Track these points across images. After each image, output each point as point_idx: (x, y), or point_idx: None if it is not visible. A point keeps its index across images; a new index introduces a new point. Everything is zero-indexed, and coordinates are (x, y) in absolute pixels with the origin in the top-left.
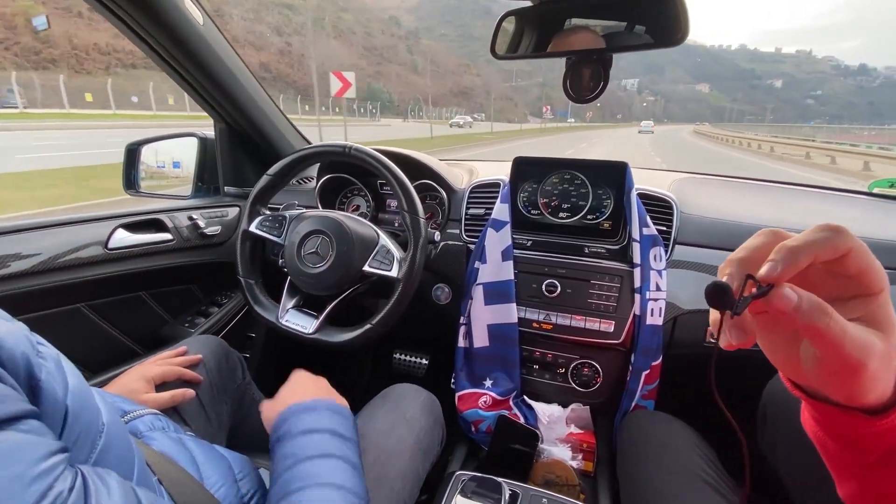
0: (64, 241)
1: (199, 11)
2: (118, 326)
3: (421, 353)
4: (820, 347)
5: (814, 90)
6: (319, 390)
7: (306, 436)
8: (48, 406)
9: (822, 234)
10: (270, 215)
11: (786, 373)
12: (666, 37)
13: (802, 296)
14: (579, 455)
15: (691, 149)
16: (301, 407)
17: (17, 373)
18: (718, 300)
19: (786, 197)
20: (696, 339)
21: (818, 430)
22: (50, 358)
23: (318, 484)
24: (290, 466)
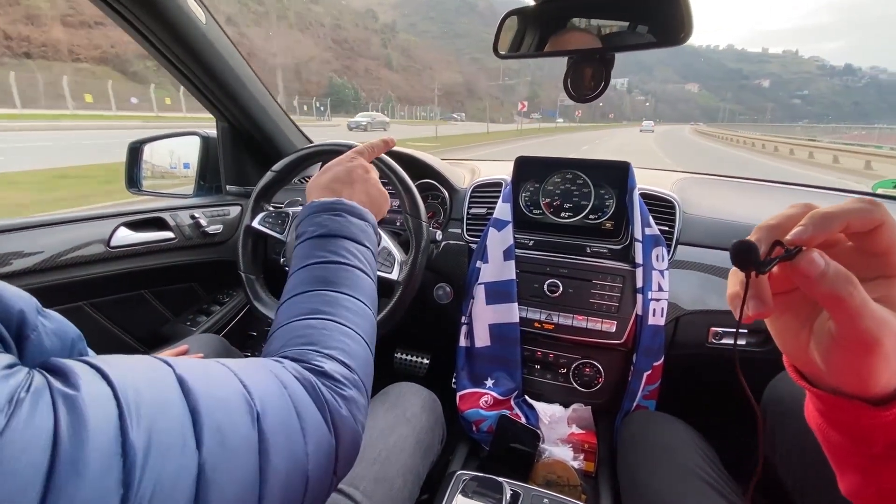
0: (66, 239)
1: (202, 11)
2: (120, 325)
3: (422, 353)
4: (838, 319)
5: (800, 90)
6: (353, 184)
7: (323, 239)
8: (28, 361)
9: (857, 204)
10: (273, 211)
11: (792, 358)
12: (669, 36)
13: (829, 263)
14: (581, 455)
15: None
16: (322, 206)
17: (8, 323)
18: (743, 258)
19: (789, 197)
20: (699, 340)
21: (822, 421)
22: (54, 319)
23: (325, 290)
24: (301, 267)
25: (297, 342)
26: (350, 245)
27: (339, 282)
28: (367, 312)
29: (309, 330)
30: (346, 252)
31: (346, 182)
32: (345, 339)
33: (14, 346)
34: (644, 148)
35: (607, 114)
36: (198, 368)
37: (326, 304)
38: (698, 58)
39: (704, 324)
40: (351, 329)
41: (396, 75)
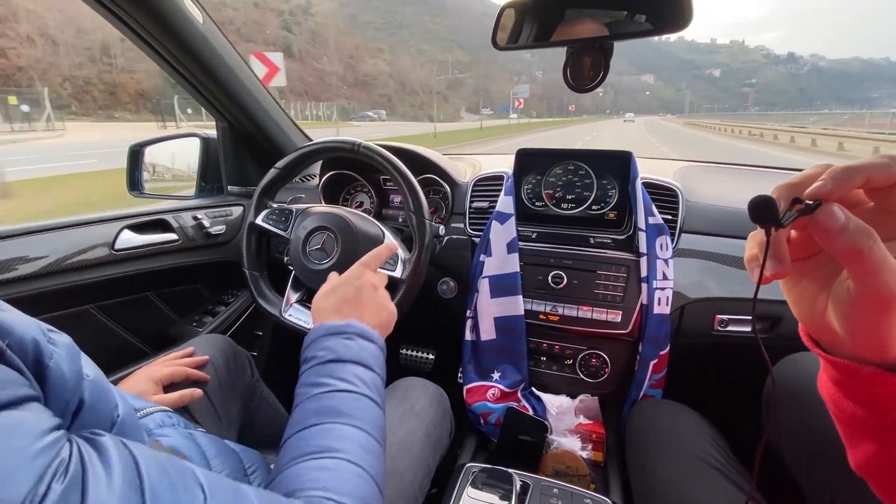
0: (70, 243)
1: (199, 11)
2: (126, 327)
3: (427, 348)
4: (858, 275)
5: (748, 79)
6: (361, 304)
7: (332, 365)
8: (54, 393)
9: (878, 159)
10: (277, 208)
11: (808, 326)
12: (668, 23)
13: (850, 216)
14: (589, 445)
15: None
16: (332, 329)
17: (25, 358)
18: (762, 213)
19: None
20: (704, 328)
21: (835, 391)
22: (62, 345)
23: (336, 422)
24: (311, 396)
25: (311, 486)
26: (361, 371)
27: (351, 413)
28: (379, 449)
29: (323, 473)
30: (356, 380)
31: (356, 303)
32: (358, 483)
33: (35, 381)
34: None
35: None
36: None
37: (338, 440)
38: (652, 49)
39: (710, 311)
40: (364, 470)
41: (296, 64)
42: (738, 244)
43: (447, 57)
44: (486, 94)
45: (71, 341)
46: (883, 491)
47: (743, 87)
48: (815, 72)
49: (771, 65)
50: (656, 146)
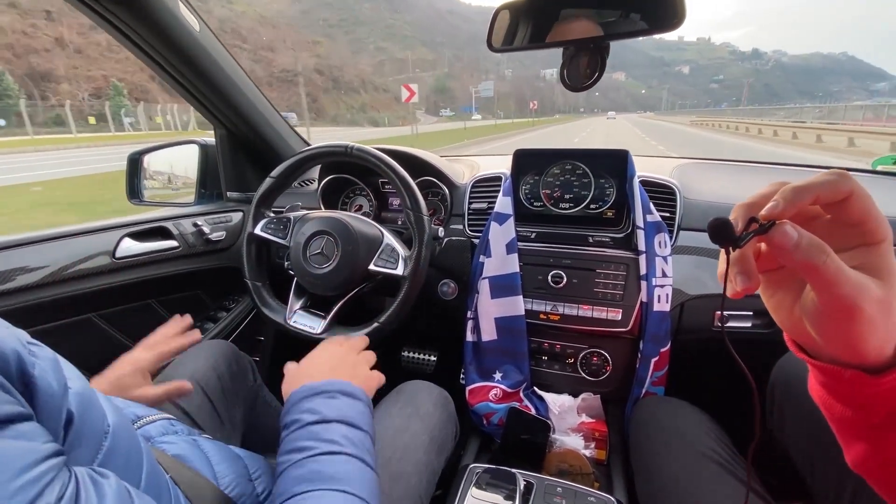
0: (71, 252)
1: (195, 19)
2: (129, 334)
3: (429, 350)
4: (817, 287)
5: (716, 75)
6: (340, 365)
7: (317, 426)
8: (45, 403)
9: (825, 177)
10: (275, 217)
11: (790, 333)
12: (662, 22)
13: (802, 233)
14: (592, 444)
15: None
16: (313, 389)
17: (7, 371)
18: (720, 234)
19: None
20: (704, 324)
21: (824, 393)
22: (45, 358)
23: (325, 489)
24: (295, 462)
25: None
26: (348, 431)
27: (341, 477)
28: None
29: None
30: (344, 440)
31: (337, 364)
32: None
33: (20, 394)
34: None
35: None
36: None
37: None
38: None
39: (709, 308)
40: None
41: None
42: None
43: (408, 55)
44: (448, 94)
45: (53, 353)
46: (880, 487)
47: (711, 83)
48: (779, 67)
49: (737, 61)
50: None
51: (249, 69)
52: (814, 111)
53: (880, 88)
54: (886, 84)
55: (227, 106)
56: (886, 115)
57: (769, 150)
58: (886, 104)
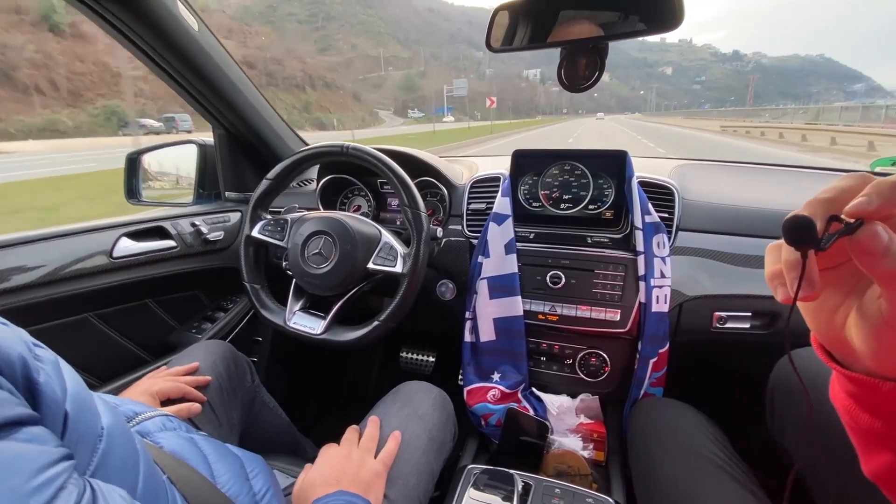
0: (68, 252)
1: (194, 18)
2: (126, 334)
3: (427, 351)
4: (895, 297)
5: (698, 76)
6: (343, 475)
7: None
8: (49, 409)
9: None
10: (272, 219)
11: (823, 338)
12: (661, 23)
13: (893, 237)
14: (590, 445)
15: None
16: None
17: (13, 376)
18: (799, 235)
19: (787, 179)
20: (703, 325)
21: (850, 403)
22: (48, 361)
23: None
24: None
25: None
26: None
27: None
28: None
29: None
30: None
31: (340, 474)
32: None
33: (25, 401)
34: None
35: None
36: None
37: None
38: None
39: (708, 309)
40: None
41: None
42: (734, 241)
43: (381, 52)
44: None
45: (54, 355)
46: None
47: (693, 84)
48: (759, 69)
49: (718, 62)
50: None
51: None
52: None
53: (857, 90)
54: (863, 85)
55: (225, 106)
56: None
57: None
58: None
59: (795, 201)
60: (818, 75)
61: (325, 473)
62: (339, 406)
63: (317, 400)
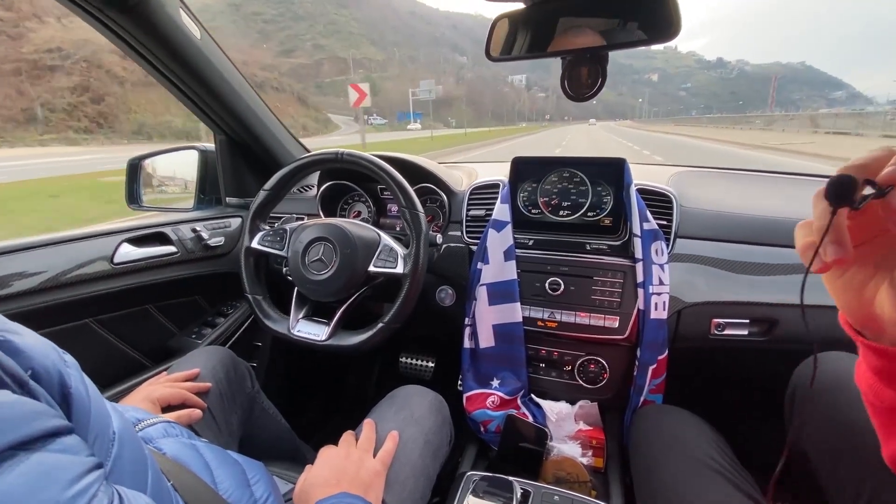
0: (69, 258)
1: (196, 26)
2: (126, 340)
3: (427, 356)
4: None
5: (684, 83)
6: (343, 476)
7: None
8: (79, 415)
9: None
10: (271, 230)
11: (851, 315)
12: (659, 32)
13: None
14: (589, 451)
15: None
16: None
17: (51, 385)
18: (839, 192)
19: (784, 186)
20: (701, 332)
21: (875, 380)
22: (73, 366)
23: None
24: None
25: None
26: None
27: None
28: None
29: None
30: None
31: (340, 475)
32: None
33: (61, 410)
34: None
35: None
36: None
37: None
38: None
39: (706, 315)
40: None
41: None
42: (732, 248)
43: (353, 53)
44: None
45: (74, 360)
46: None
47: (679, 90)
48: (743, 76)
49: (703, 69)
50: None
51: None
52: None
53: (838, 97)
54: (843, 92)
55: (227, 112)
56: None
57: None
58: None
59: (793, 209)
60: (800, 82)
61: (326, 474)
62: (338, 412)
63: (316, 406)
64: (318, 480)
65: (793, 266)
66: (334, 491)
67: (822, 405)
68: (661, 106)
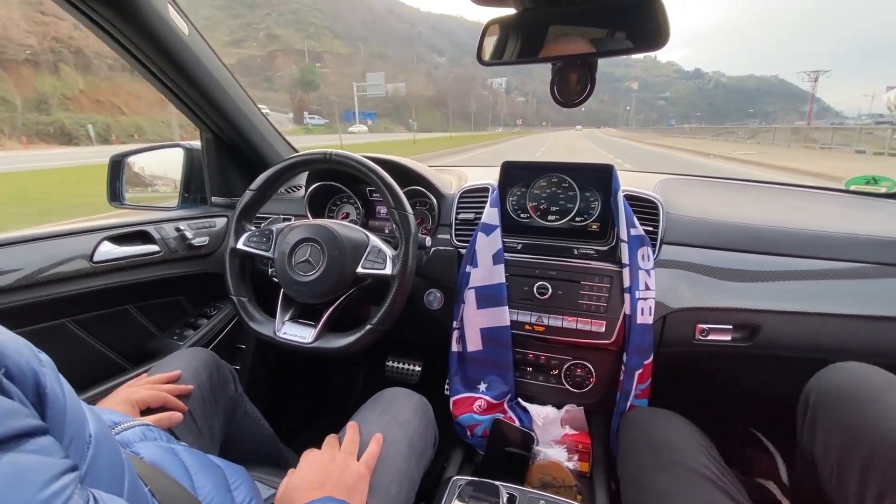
0: (47, 255)
1: (185, 22)
2: (104, 341)
3: (413, 360)
4: None
5: (663, 92)
6: (328, 479)
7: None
8: (54, 416)
9: None
10: (257, 231)
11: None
12: (647, 42)
13: None
14: (575, 456)
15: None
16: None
17: (25, 384)
18: None
19: (766, 195)
20: (686, 337)
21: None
22: (49, 365)
23: None
24: None
25: None
26: None
27: None
28: None
29: None
30: None
31: (325, 478)
32: None
33: (34, 409)
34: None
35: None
36: None
37: None
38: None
39: (691, 321)
40: None
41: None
42: (717, 255)
43: (313, 46)
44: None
45: (49, 359)
46: None
47: (658, 100)
48: (720, 87)
49: (681, 80)
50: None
51: None
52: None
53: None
54: (815, 106)
55: (214, 110)
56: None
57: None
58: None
59: (774, 217)
60: (773, 95)
61: (309, 477)
62: (323, 416)
63: (301, 410)
64: (302, 484)
65: (775, 273)
66: (318, 494)
67: (834, 413)
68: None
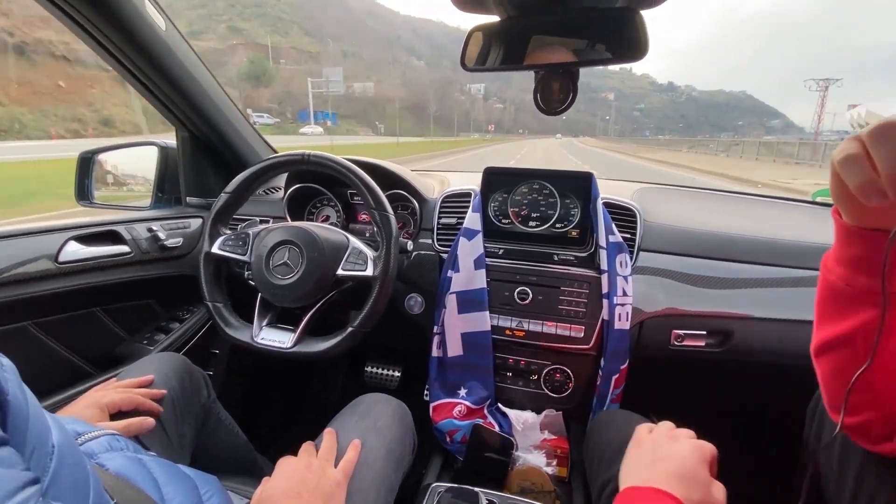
0: (8, 255)
1: (161, 17)
2: (69, 346)
3: (393, 366)
4: None
5: (638, 104)
6: (303, 487)
7: None
8: (16, 426)
9: None
10: (233, 234)
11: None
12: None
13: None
14: (554, 461)
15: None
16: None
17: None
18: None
19: (738, 205)
20: (662, 343)
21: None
22: (10, 370)
23: None
24: None
25: None
26: None
27: None
28: None
29: None
30: None
31: (300, 487)
32: None
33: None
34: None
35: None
36: None
37: None
38: None
39: (667, 327)
40: None
41: None
42: (692, 262)
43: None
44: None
45: (10, 362)
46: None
47: (634, 111)
48: (692, 101)
49: (656, 92)
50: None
51: None
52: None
53: (774, 125)
54: (780, 121)
55: (190, 108)
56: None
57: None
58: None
59: (746, 226)
60: (742, 110)
61: (284, 486)
62: (299, 424)
63: (276, 417)
64: (277, 492)
65: (748, 280)
66: (294, 503)
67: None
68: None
